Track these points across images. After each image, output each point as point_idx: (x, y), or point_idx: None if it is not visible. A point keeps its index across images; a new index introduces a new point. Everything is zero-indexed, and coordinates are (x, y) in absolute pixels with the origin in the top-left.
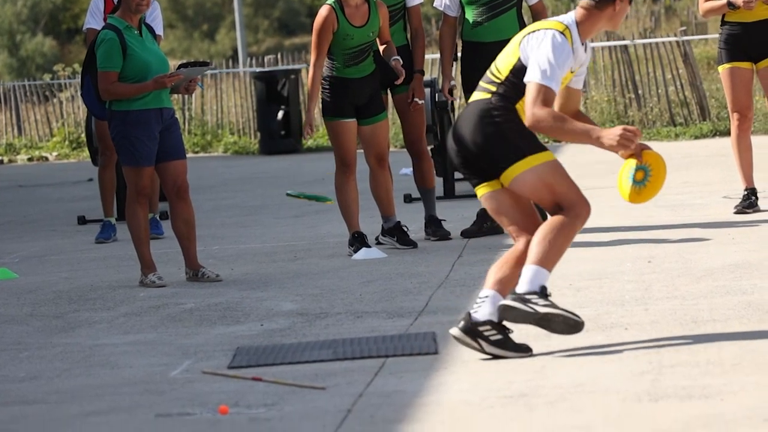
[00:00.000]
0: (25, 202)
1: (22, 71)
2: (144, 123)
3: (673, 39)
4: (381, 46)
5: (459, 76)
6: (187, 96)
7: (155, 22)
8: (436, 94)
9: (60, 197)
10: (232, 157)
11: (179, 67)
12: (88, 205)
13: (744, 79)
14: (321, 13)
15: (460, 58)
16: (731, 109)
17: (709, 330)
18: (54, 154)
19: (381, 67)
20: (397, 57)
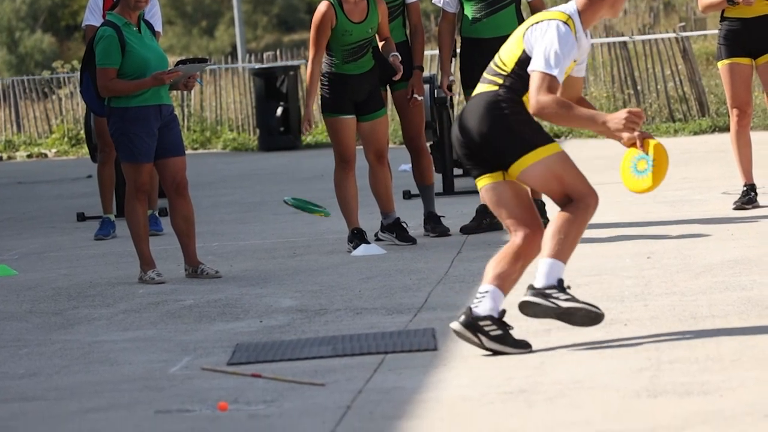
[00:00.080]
0: (24, 199)
1: (21, 68)
2: (143, 119)
3: (672, 35)
4: (380, 43)
5: (458, 72)
6: (186, 92)
7: (154, 19)
8: (435, 91)
9: (59, 194)
10: (231, 154)
11: (178, 64)
12: (87, 201)
13: (743, 75)
14: (320, 9)
15: (459, 55)
16: (730, 105)
17: (708, 326)
18: (53, 150)
19: (380, 64)
20: (395, 53)
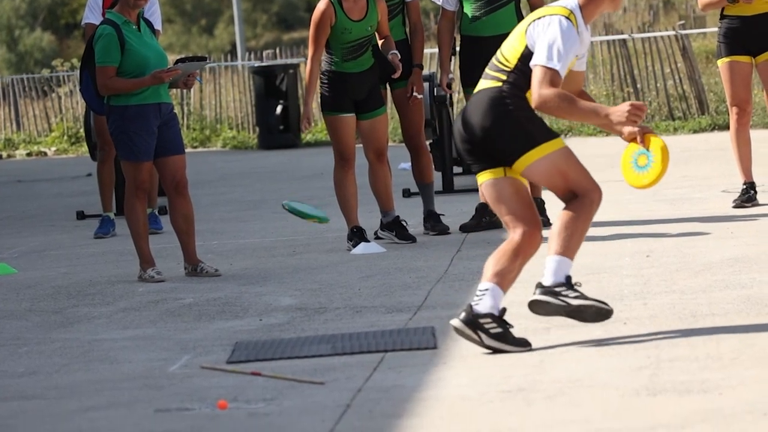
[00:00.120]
0: (23, 198)
1: (21, 66)
2: (142, 118)
3: (671, 33)
4: (380, 41)
5: (457, 70)
6: (185, 91)
7: (154, 17)
8: (435, 89)
9: (59, 192)
10: (231, 152)
11: (177, 62)
12: (86, 200)
13: (743, 73)
14: (319, 7)
15: (458, 53)
16: (730, 103)
17: (707, 324)
18: (53, 149)
19: (379, 62)
20: (394, 51)
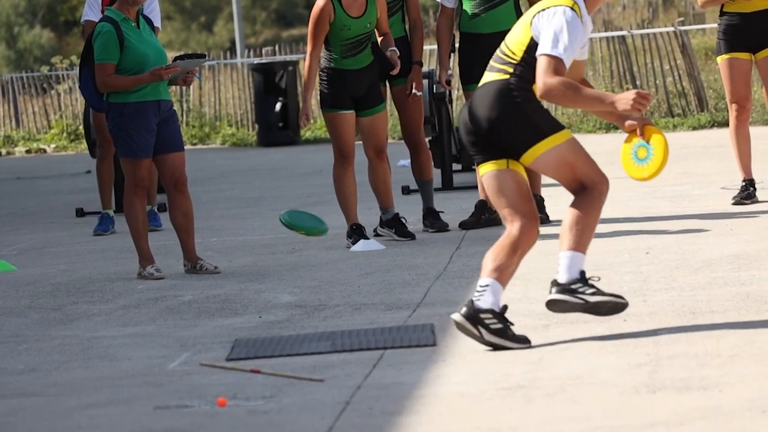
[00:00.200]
0: (23, 195)
1: (20, 63)
2: (141, 115)
3: (670, 29)
4: (379, 38)
5: (456, 67)
6: (185, 88)
7: (153, 14)
8: (434, 86)
9: (58, 189)
10: (230, 149)
11: (176, 59)
12: (86, 197)
13: (742, 70)
14: (318, 4)
15: (457, 50)
16: (730, 100)
17: (707, 321)
18: (52, 146)
19: (379, 59)
20: (393, 48)
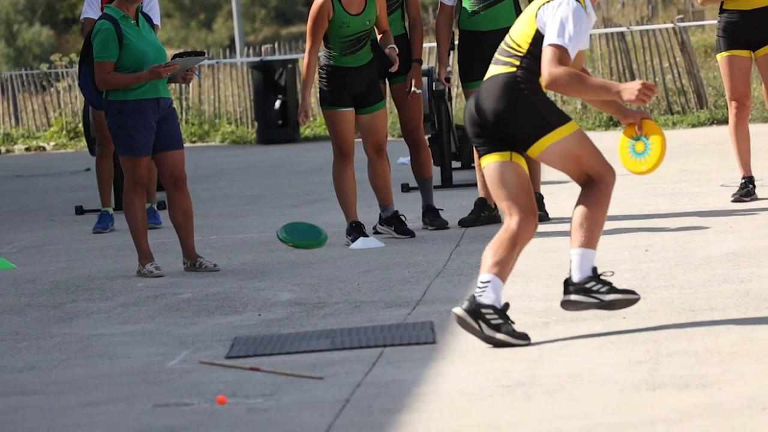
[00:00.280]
0: (22, 193)
1: (20, 61)
2: (141, 113)
3: (670, 26)
4: (378, 36)
5: (456, 64)
6: (184, 85)
7: (152, 12)
8: (434, 84)
9: (57, 187)
10: (230, 147)
11: (174, 57)
12: (85, 195)
13: (742, 68)
14: (317, 1)
15: (457, 47)
16: (729, 98)
17: (706, 318)
18: (51, 144)
19: (378, 56)
20: (392, 45)
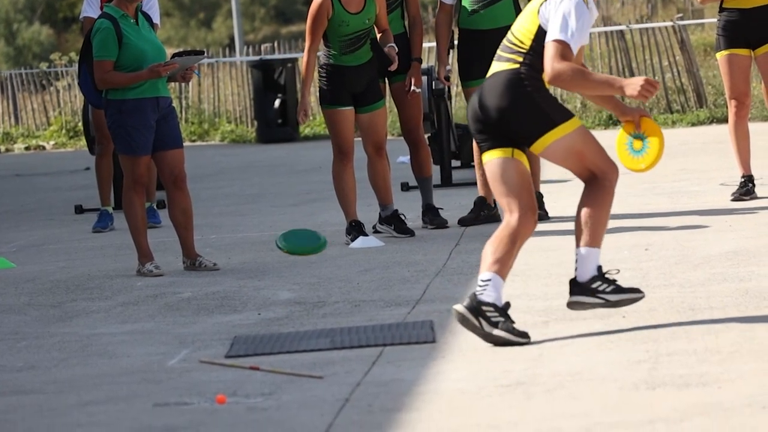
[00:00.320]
0: (22, 192)
1: (19, 60)
2: (140, 112)
3: (669, 25)
4: (378, 34)
5: (455, 63)
6: (184, 84)
7: (152, 11)
8: (433, 82)
9: (57, 186)
10: (230, 146)
11: (174, 56)
12: (85, 194)
13: (742, 66)
14: None
15: (457, 46)
16: (729, 96)
17: (706, 317)
18: (51, 143)
19: (378, 55)
20: (392, 44)
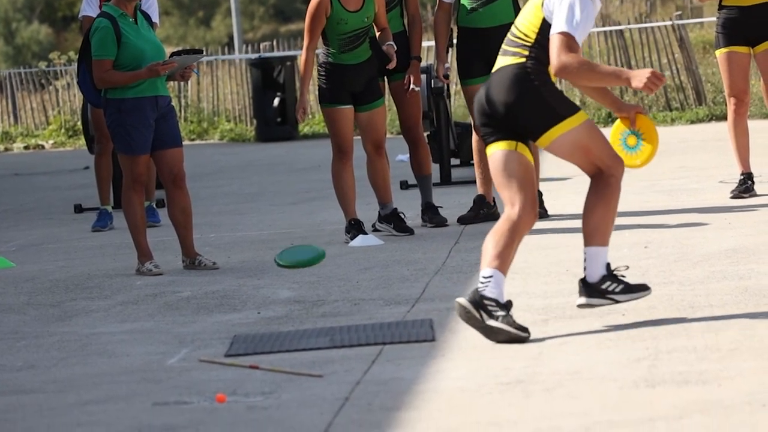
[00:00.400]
0: (21, 191)
1: (18, 59)
2: (139, 111)
3: (668, 23)
4: (377, 33)
5: (454, 62)
6: (183, 83)
7: (151, 10)
8: (432, 81)
9: (56, 185)
10: (229, 145)
11: (172, 55)
12: (84, 193)
13: (741, 64)
14: None
15: (455, 44)
16: (728, 94)
17: (706, 315)
18: (50, 142)
19: (376, 53)
20: (390, 42)
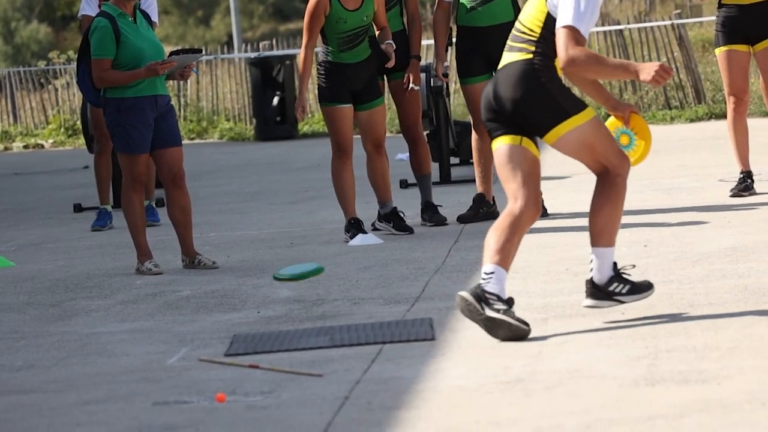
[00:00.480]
0: (21, 190)
1: (17, 58)
2: (138, 110)
3: (667, 22)
4: (377, 32)
5: (453, 61)
6: (182, 82)
7: (150, 9)
8: (432, 80)
9: (56, 185)
10: (228, 144)
11: (171, 55)
12: (84, 192)
13: (741, 62)
14: None
15: (455, 43)
16: (727, 92)
17: (705, 314)
18: (50, 141)
19: (376, 53)
20: (390, 41)
